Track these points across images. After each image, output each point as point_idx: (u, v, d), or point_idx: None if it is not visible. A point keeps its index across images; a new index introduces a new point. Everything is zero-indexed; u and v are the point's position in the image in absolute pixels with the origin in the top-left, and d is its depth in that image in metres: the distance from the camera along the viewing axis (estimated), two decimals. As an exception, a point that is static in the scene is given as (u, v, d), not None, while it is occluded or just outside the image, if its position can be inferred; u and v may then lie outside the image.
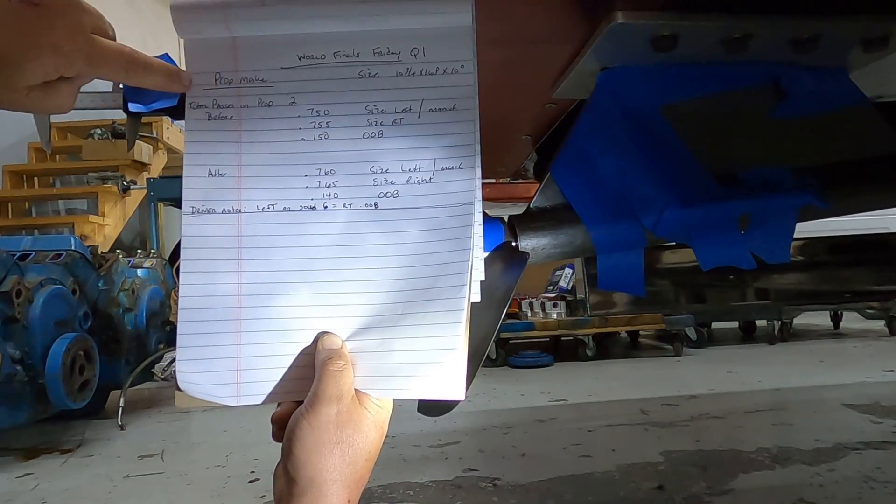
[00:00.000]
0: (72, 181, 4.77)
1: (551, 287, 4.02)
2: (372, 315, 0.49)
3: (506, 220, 0.77)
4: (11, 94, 0.44)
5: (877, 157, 0.78)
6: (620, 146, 0.75)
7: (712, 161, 0.75)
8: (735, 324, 4.65)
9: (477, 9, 0.51)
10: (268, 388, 0.49)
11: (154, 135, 4.78)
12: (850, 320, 4.68)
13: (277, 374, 0.49)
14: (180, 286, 0.49)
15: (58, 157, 4.90)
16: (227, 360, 0.49)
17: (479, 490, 1.63)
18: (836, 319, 4.64)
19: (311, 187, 0.50)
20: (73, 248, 2.49)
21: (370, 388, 0.48)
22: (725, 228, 0.76)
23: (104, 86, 0.62)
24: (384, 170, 0.50)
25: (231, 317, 0.49)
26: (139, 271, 2.92)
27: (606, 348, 4.07)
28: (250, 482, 1.79)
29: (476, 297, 0.51)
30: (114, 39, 0.48)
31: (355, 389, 0.48)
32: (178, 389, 0.48)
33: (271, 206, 0.50)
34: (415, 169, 0.50)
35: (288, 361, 0.49)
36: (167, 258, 3.65)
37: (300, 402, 0.48)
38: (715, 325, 4.52)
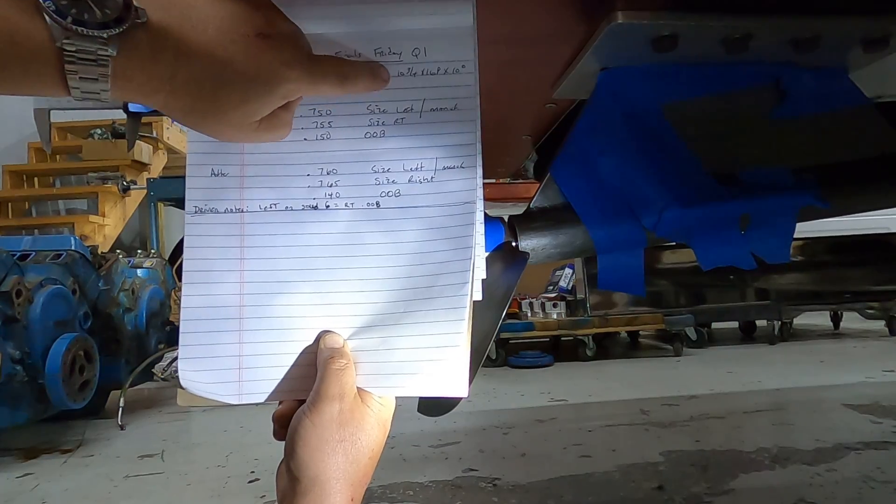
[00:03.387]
0: (72, 181, 4.77)
1: (551, 287, 4.02)
2: (374, 314, 0.49)
3: (506, 220, 0.77)
4: (246, 129, 0.44)
5: (877, 157, 0.78)
6: (621, 146, 0.75)
7: (712, 161, 0.75)
8: (735, 324, 4.65)
9: (478, 9, 0.51)
10: (270, 386, 0.49)
11: (154, 135, 4.79)
12: (850, 320, 4.68)
13: (279, 373, 0.49)
14: (183, 285, 0.49)
15: (58, 157, 4.90)
16: (229, 359, 0.49)
17: (479, 490, 1.63)
18: (836, 319, 4.64)
19: (313, 187, 0.51)
20: (73, 248, 2.49)
21: (373, 387, 0.49)
22: (725, 228, 0.76)
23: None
24: (386, 169, 0.51)
25: (233, 315, 0.49)
26: (139, 271, 2.92)
27: (606, 348, 4.07)
28: (250, 482, 1.79)
29: (478, 296, 0.51)
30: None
31: (358, 388, 0.48)
32: (181, 388, 0.48)
33: (273, 206, 0.50)
34: (416, 168, 0.50)
35: (290, 360, 0.49)
36: (167, 258, 3.66)
37: (302, 401, 0.48)
38: (715, 325, 4.53)
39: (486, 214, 0.59)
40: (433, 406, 0.76)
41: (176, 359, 2.90)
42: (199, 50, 0.39)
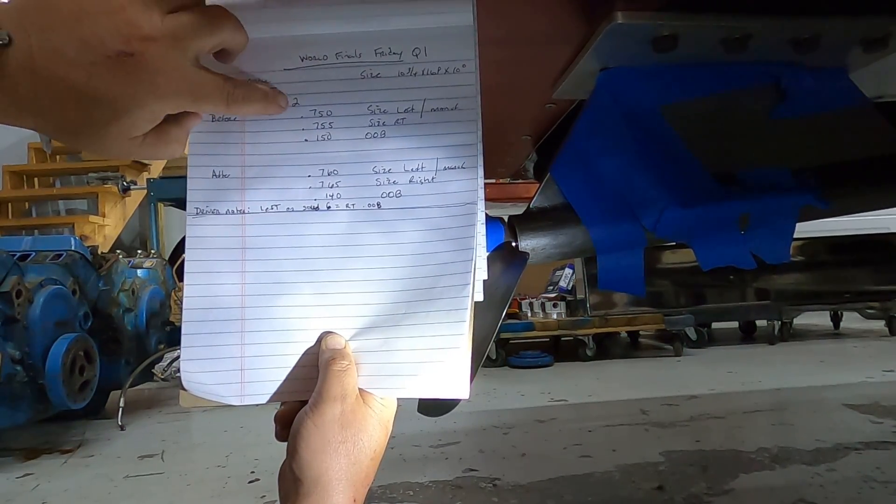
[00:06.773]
0: (72, 181, 4.77)
1: (551, 287, 4.01)
2: (375, 314, 0.49)
3: (506, 220, 0.77)
4: (127, 145, 0.45)
5: (877, 157, 0.78)
6: (620, 146, 0.75)
7: (712, 161, 0.75)
8: (735, 324, 4.65)
9: (478, 9, 0.51)
10: (271, 387, 0.49)
11: (154, 135, 4.77)
12: (850, 320, 4.67)
13: (281, 374, 0.49)
14: (185, 287, 0.49)
15: (58, 157, 4.90)
16: (231, 360, 0.49)
17: (479, 490, 1.63)
18: (836, 319, 4.64)
19: (314, 188, 0.51)
20: (73, 248, 2.49)
21: (374, 388, 0.48)
22: (725, 228, 0.76)
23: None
24: (387, 170, 0.51)
25: (235, 317, 0.49)
26: (139, 272, 2.92)
27: (606, 348, 4.07)
28: (250, 482, 1.79)
29: (479, 297, 0.51)
30: (235, 51, 0.48)
31: (359, 389, 0.48)
32: (183, 389, 0.48)
33: (275, 207, 0.50)
34: (417, 169, 0.50)
35: (291, 361, 0.49)
36: (167, 258, 3.66)
37: (304, 402, 0.48)
38: (715, 325, 4.52)
39: (486, 214, 0.59)
40: (433, 406, 0.76)
41: (176, 359, 2.90)
42: (58, 73, 0.40)
